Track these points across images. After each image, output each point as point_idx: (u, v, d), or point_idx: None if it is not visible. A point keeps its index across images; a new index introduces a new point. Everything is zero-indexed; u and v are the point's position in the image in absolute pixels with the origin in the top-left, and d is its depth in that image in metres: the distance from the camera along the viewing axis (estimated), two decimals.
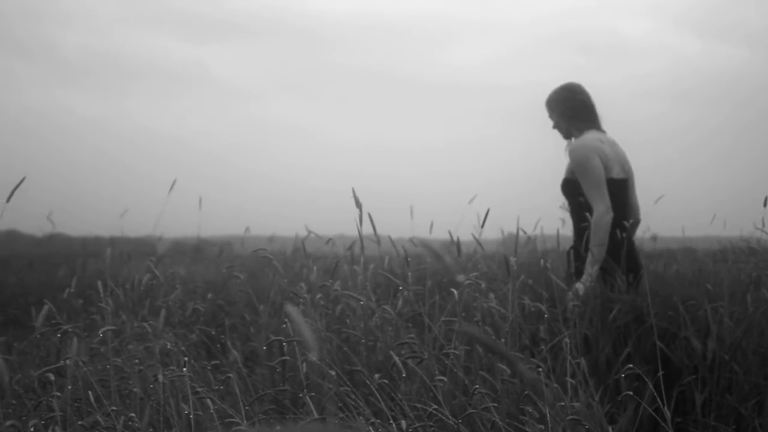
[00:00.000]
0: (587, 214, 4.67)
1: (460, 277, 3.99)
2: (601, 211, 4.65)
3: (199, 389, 2.82)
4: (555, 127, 5.06)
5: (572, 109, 4.97)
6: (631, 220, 4.78)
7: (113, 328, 3.02)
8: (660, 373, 3.51)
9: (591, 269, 4.62)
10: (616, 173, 4.85)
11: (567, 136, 5.05)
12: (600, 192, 4.70)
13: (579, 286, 4.55)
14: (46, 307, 2.72)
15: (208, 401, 2.69)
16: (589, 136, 4.87)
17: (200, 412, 2.82)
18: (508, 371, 3.17)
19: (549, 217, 5.63)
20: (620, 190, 4.86)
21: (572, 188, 4.93)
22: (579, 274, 4.67)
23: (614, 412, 3.81)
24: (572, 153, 4.86)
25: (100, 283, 3.37)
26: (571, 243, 4.96)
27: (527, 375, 0.86)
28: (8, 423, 1.88)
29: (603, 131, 4.99)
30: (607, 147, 4.87)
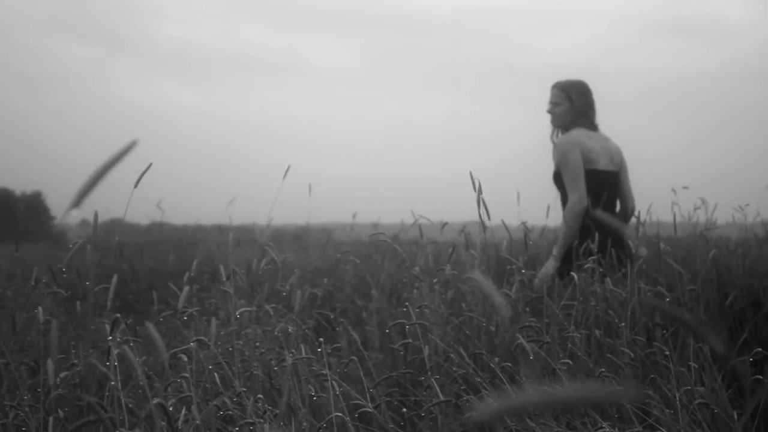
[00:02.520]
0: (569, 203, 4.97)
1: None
2: (575, 199, 4.93)
3: (323, 372, 2.85)
4: (554, 110, 5.33)
5: (585, 106, 5.27)
6: (623, 210, 5.19)
7: (250, 309, 3.06)
8: None
9: (557, 252, 4.86)
10: (603, 165, 5.11)
11: (562, 126, 5.32)
12: (576, 182, 4.98)
13: (542, 270, 4.80)
14: (186, 289, 2.76)
15: (334, 384, 2.71)
16: (576, 132, 5.17)
17: (324, 395, 2.85)
18: (632, 354, 3.13)
19: (661, 203, 5.56)
20: (607, 182, 5.10)
21: (558, 181, 5.19)
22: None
23: (732, 397, 3.74)
24: (558, 146, 5.15)
25: (222, 267, 3.42)
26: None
27: (720, 349, 0.85)
28: (156, 401, 1.92)
29: (595, 129, 5.28)
30: (595, 142, 5.15)
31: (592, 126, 5.27)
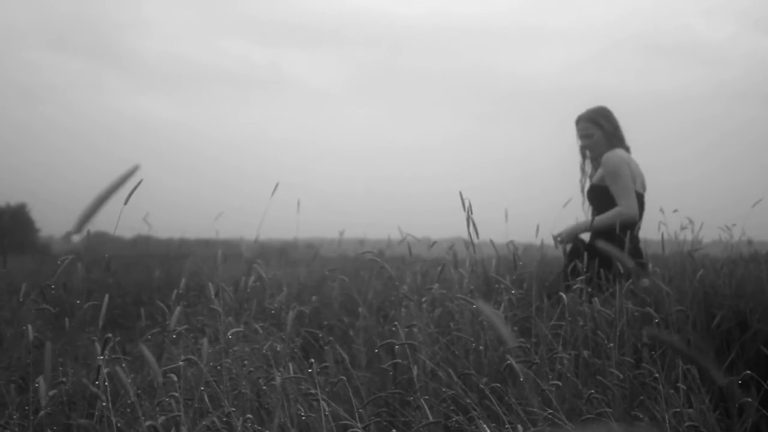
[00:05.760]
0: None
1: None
2: (631, 207, 5.14)
3: (312, 391, 2.83)
4: (589, 142, 5.54)
5: (614, 128, 5.50)
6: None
7: (240, 330, 3.04)
8: None
9: (579, 225, 5.19)
10: (638, 187, 5.32)
11: (598, 153, 5.51)
12: (629, 192, 5.17)
13: (570, 227, 5.19)
14: (178, 309, 2.74)
15: (323, 403, 2.70)
16: (620, 151, 5.36)
17: (312, 414, 2.84)
18: (620, 376, 3.14)
19: (649, 222, 5.57)
20: (641, 204, 5.31)
21: (598, 194, 5.35)
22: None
23: (719, 419, 3.74)
24: (608, 160, 5.28)
25: (210, 285, 3.40)
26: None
27: (720, 379, 0.86)
28: (147, 423, 1.91)
29: (629, 151, 5.50)
30: (633, 164, 5.37)
31: (624, 145, 5.50)
